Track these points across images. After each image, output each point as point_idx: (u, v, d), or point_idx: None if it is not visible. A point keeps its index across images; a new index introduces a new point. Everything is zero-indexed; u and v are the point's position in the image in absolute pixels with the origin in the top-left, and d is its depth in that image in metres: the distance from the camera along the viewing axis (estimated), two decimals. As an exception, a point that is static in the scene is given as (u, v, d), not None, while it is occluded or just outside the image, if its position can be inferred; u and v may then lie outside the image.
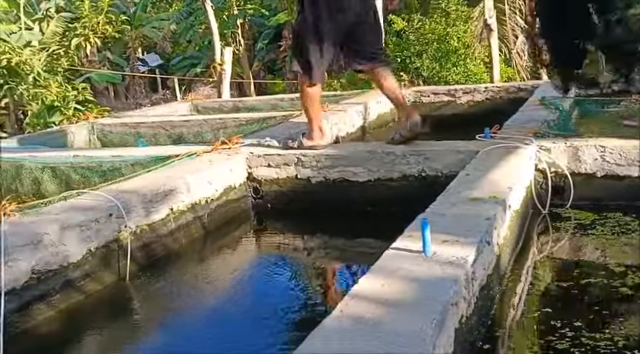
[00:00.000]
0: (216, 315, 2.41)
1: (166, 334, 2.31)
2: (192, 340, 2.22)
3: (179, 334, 2.28)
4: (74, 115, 7.41)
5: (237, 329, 2.26)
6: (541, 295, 2.27)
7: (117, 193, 2.74)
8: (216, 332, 2.27)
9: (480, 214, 2.07)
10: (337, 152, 3.36)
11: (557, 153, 2.91)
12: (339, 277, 2.93)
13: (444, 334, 1.47)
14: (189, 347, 2.16)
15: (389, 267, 1.71)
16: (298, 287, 2.70)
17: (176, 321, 2.40)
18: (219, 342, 2.18)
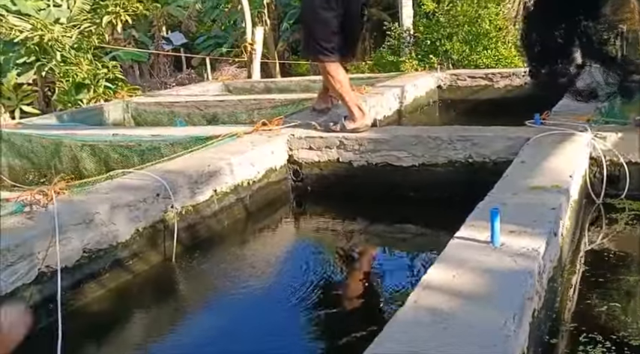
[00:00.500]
0: (260, 296, 2.39)
1: (212, 314, 2.30)
2: (237, 320, 2.21)
3: (225, 315, 2.28)
4: (104, 93, 7.42)
5: (279, 311, 2.24)
6: (596, 287, 2.20)
7: (163, 173, 2.71)
8: (260, 313, 2.26)
9: (544, 204, 2.00)
10: (381, 136, 3.29)
11: (614, 141, 2.81)
12: (378, 262, 2.89)
13: (521, 330, 1.42)
14: (234, 327, 2.15)
15: (457, 257, 1.66)
16: (337, 271, 2.67)
17: (222, 302, 2.39)
18: (264, 323, 2.17)
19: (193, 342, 2.07)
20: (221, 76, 10.33)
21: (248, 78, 7.34)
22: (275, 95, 5.13)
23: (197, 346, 2.04)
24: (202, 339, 2.08)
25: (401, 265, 2.73)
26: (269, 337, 2.08)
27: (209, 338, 2.08)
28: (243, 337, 2.09)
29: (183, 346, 2.05)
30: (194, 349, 2.03)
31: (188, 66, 17.20)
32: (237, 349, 2.02)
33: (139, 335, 2.18)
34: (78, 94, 7.80)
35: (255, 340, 2.06)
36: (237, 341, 2.06)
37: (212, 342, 2.06)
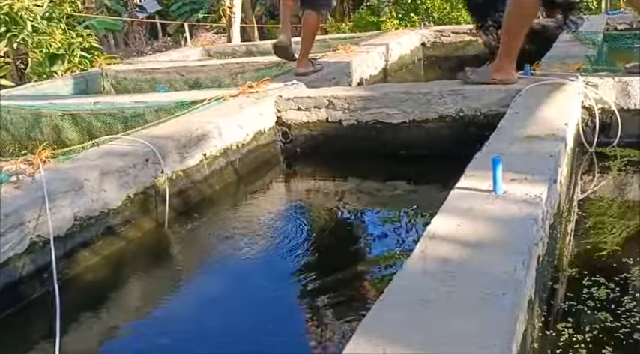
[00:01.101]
0: (256, 259, 2.36)
1: (208, 279, 2.28)
2: (234, 284, 2.19)
3: (221, 279, 2.26)
4: (80, 63, 7.21)
5: (277, 272, 2.23)
6: (592, 233, 2.22)
7: (150, 138, 2.64)
8: (258, 275, 2.24)
9: (542, 152, 1.99)
10: (370, 93, 3.24)
11: (605, 89, 2.79)
12: (371, 220, 2.88)
13: (530, 276, 1.41)
14: (231, 291, 2.13)
15: (460, 207, 1.64)
16: (331, 230, 2.65)
17: (217, 266, 2.36)
18: (262, 286, 2.15)
19: (190, 307, 2.04)
20: (199, 42, 10.10)
21: (228, 42, 7.17)
22: (258, 58, 5.02)
23: (194, 310, 2.01)
24: (199, 303, 2.05)
25: (396, 222, 2.71)
26: (268, 298, 2.06)
27: (206, 303, 2.06)
28: (241, 300, 2.07)
29: (181, 311, 2.02)
30: (191, 313, 2.00)
31: (164, 34, 16.80)
32: (235, 312, 2.00)
33: (136, 302, 2.15)
34: (52, 65, 7.56)
35: (253, 302, 2.04)
36: (235, 305, 2.04)
37: (209, 306, 2.03)
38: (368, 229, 2.69)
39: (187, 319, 1.95)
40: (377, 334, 1.12)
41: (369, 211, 2.93)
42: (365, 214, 2.89)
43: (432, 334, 1.11)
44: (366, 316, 1.19)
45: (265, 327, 1.85)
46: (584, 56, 3.28)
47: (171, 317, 1.99)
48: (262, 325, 1.86)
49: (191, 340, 1.82)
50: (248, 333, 1.83)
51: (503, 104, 2.87)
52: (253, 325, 1.87)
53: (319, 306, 1.93)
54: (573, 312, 1.66)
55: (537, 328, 1.54)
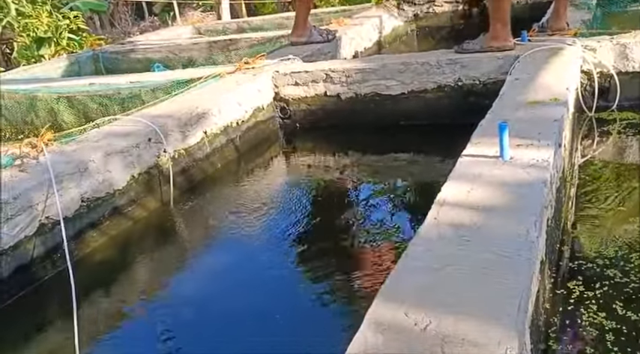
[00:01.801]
0: (263, 234, 2.38)
1: (215, 256, 2.29)
2: (240, 260, 2.20)
3: (227, 255, 2.27)
4: (68, 46, 7.11)
5: (285, 247, 2.24)
6: (594, 196, 2.24)
7: (151, 117, 2.63)
8: (266, 250, 2.25)
9: (546, 117, 2.00)
10: (368, 66, 3.23)
11: (604, 52, 2.80)
12: (375, 191, 2.89)
13: (541, 237, 1.43)
14: (238, 267, 2.15)
15: (469, 173, 1.65)
16: (335, 204, 2.66)
17: (224, 242, 2.37)
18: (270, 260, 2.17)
19: (198, 283, 2.06)
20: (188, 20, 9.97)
21: (218, 20, 7.09)
22: (251, 34, 4.98)
23: (202, 286, 2.03)
24: (207, 279, 2.07)
25: (400, 192, 2.73)
26: (276, 272, 2.08)
27: (213, 278, 2.08)
28: (247, 274, 2.09)
29: (189, 287, 2.04)
30: (199, 289, 2.02)
31: (150, 13, 16.56)
32: (242, 286, 2.02)
33: (146, 280, 2.17)
34: (40, 48, 7.44)
35: (261, 276, 2.05)
36: (242, 279, 2.06)
37: (216, 282, 2.05)
38: (372, 200, 2.71)
39: (195, 295, 1.97)
40: (398, 298, 1.14)
41: (371, 183, 2.94)
42: (368, 186, 2.90)
43: (452, 295, 1.14)
44: (386, 281, 1.21)
45: (274, 301, 1.87)
46: (580, 21, 3.28)
47: (180, 293, 2.01)
48: (271, 299, 1.88)
49: (199, 315, 1.84)
50: (257, 306, 1.85)
51: (502, 72, 2.87)
52: (263, 299, 1.89)
53: (329, 276, 1.95)
54: (583, 271, 1.69)
55: (548, 289, 1.58)
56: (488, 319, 1.06)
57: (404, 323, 1.07)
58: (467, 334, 1.02)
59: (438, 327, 1.05)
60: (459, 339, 1.01)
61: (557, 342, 1.41)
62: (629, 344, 1.37)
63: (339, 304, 1.77)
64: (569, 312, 1.51)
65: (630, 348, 1.36)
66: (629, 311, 1.48)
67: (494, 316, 1.06)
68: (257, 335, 1.66)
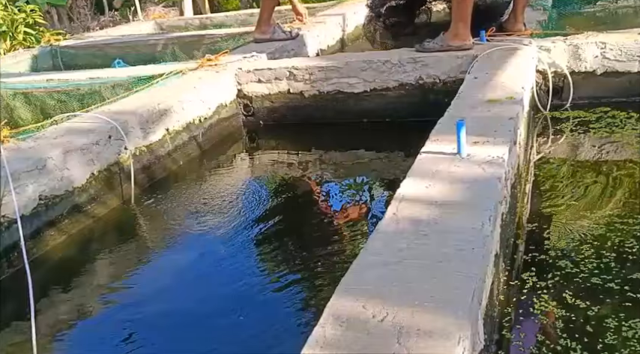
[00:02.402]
0: (224, 233, 2.37)
1: (177, 253, 2.27)
2: (201, 258, 2.20)
3: (187, 254, 2.26)
4: (25, 41, 6.92)
5: (244, 245, 2.24)
6: (548, 191, 2.32)
7: (111, 114, 2.60)
8: (225, 249, 2.25)
9: (502, 115, 2.06)
10: (331, 63, 3.25)
11: (558, 52, 2.89)
12: (337, 188, 2.92)
13: (496, 231, 1.48)
14: (198, 266, 2.14)
15: (427, 169, 1.69)
16: (297, 201, 2.68)
17: (185, 240, 2.36)
18: (229, 258, 2.17)
19: (158, 281, 2.04)
20: (149, 16, 9.80)
21: (180, 16, 7.01)
22: (214, 31, 4.94)
23: (162, 285, 2.02)
24: (167, 278, 2.06)
25: (363, 188, 2.76)
26: (236, 270, 2.08)
27: (173, 277, 2.06)
28: (207, 273, 2.08)
29: (148, 286, 2.02)
30: (159, 288, 2.00)
31: (110, 8, 16.22)
32: (202, 285, 2.02)
33: (105, 279, 2.14)
34: (-8, 44, 7.24)
35: (220, 274, 2.05)
36: (202, 278, 2.05)
37: (176, 280, 2.04)
38: (335, 197, 2.74)
39: (155, 294, 1.96)
40: (357, 291, 1.17)
41: (334, 179, 2.97)
42: (331, 183, 2.92)
43: (408, 288, 1.17)
44: (345, 275, 1.23)
45: (234, 298, 1.87)
46: (535, 21, 3.38)
47: (139, 292, 1.99)
48: (231, 297, 1.88)
49: (158, 313, 1.83)
50: (216, 305, 1.85)
51: (461, 70, 2.94)
52: (221, 297, 1.89)
53: (291, 272, 1.97)
54: (536, 262, 1.75)
55: (503, 281, 1.63)
56: (443, 310, 1.09)
57: (362, 316, 1.10)
58: (422, 324, 1.06)
59: (395, 319, 1.08)
60: (414, 330, 1.04)
61: (510, 331, 1.46)
62: (577, 331, 1.43)
63: (300, 300, 1.79)
64: (522, 302, 1.57)
65: (578, 334, 1.42)
66: (577, 300, 1.54)
67: (449, 308, 1.10)
68: (216, 333, 1.67)
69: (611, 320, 1.45)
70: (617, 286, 1.58)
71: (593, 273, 1.66)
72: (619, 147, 2.57)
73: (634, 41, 2.75)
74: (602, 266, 1.69)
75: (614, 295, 1.55)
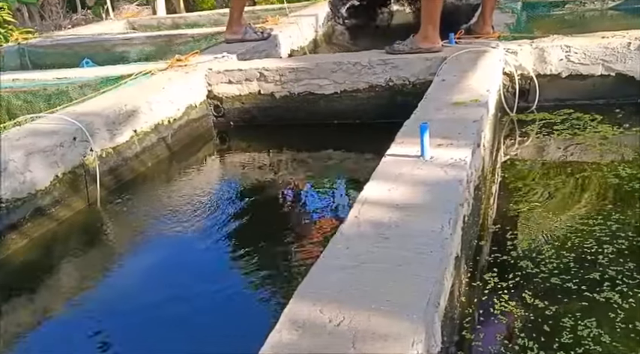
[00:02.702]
0: (192, 235, 2.36)
1: (143, 256, 2.25)
2: (168, 261, 2.18)
3: (154, 257, 2.24)
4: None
5: (212, 248, 2.23)
6: (514, 193, 2.35)
7: (77, 115, 2.56)
8: (192, 252, 2.24)
9: (466, 118, 2.08)
10: (301, 65, 3.25)
11: (524, 55, 2.93)
12: (307, 190, 2.92)
13: (456, 234, 1.50)
14: (165, 269, 2.12)
15: (391, 172, 1.71)
16: (267, 203, 2.67)
17: (152, 243, 2.34)
18: (196, 262, 2.16)
19: (123, 286, 2.02)
20: (121, 15, 9.68)
21: (153, 15, 6.94)
22: (186, 30, 4.91)
23: (127, 289, 1.99)
24: (132, 282, 2.03)
25: (332, 190, 2.77)
26: (203, 274, 2.06)
27: (139, 281, 2.03)
28: (176, 278, 2.06)
29: (115, 290, 2.00)
30: (125, 292, 1.98)
31: (83, 6, 15.99)
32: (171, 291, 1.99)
33: (69, 283, 2.10)
34: (-41, 42, 7.08)
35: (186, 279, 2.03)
36: (169, 282, 2.03)
37: (142, 284, 2.01)
38: (304, 198, 2.74)
39: (119, 297, 1.93)
40: (315, 295, 1.17)
41: (304, 181, 2.97)
42: (301, 184, 2.93)
43: (367, 292, 1.18)
44: (304, 279, 1.23)
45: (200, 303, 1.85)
46: (503, 24, 3.42)
47: (103, 296, 1.97)
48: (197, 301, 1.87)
49: (122, 317, 1.81)
50: (177, 308, 1.84)
51: (430, 72, 2.97)
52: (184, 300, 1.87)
53: (258, 276, 1.96)
54: (498, 263, 1.78)
55: (465, 283, 1.65)
56: (400, 314, 1.10)
57: (318, 320, 1.10)
58: (378, 328, 1.06)
59: (351, 323, 1.08)
60: (369, 334, 1.05)
61: (471, 332, 1.48)
62: (534, 330, 1.46)
63: (264, 303, 1.79)
64: (484, 302, 1.59)
65: (535, 334, 1.45)
66: (536, 299, 1.57)
67: (405, 311, 1.10)
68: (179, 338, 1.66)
69: (568, 320, 1.47)
70: (574, 286, 1.61)
71: (552, 273, 1.69)
72: (583, 149, 2.62)
73: (597, 45, 2.81)
74: (561, 266, 1.72)
75: (572, 294, 1.58)
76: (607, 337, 1.40)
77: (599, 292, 1.57)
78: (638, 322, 1.43)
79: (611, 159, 2.46)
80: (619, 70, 2.83)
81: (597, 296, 1.55)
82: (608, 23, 4.81)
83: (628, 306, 1.50)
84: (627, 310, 1.48)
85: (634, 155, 2.48)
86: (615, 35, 2.84)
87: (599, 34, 2.91)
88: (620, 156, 2.50)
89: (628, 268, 1.66)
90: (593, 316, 1.47)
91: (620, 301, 1.52)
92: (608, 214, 2.01)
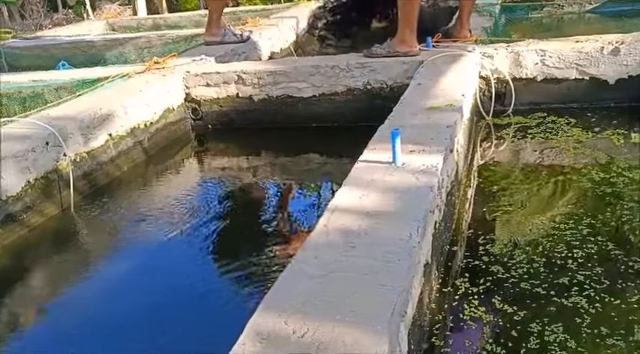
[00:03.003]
0: (168, 240, 2.34)
1: (117, 263, 2.23)
2: (144, 267, 2.16)
3: (130, 263, 2.21)
4: (-30, 39, 6.69)
5: (187, 253, 2.22)
6: (493, 199, 2.37)
7: (50, 120, 2.53)
8: (170, 258, 2.22)
9: (440, 123, 2.09)
10: (280, 68, 3.25)
11: (500, 59, 2.95)
12: (285, 194, 2.92)
13: (425, 241, 1.50)
14: (141, 275, 2.10)
15: (363, 179, 1.71)
16: (245, 207, 2.67)
17: (128, 248, 2.32)
18: (172, 268, 2.14)
19: (98, 293, 1.99)
20: (103, 15, 9.60)
21: (134, 15, 6.88)
22: (166, 32, 4.87)
23: (102, 296, 1.97)
24: (107, 289, 2.01)
25: (310, 195, 2.77)
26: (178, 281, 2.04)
27: (114, 288, 2.01)
28: (153, 285, 2.05)
29: (88, 297, 1.97)
30: (99, 299, 1.96)
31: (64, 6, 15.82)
32: (147, 298, 1.98)
33: (41, 290, 2.08)
34: None
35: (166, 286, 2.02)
36: (144, 289, 2.01)
37: (117, 291, 1.99)
38: (282, 203, 2.73)
39: (91, 303, 1.91)
40: (280, 306, 1.17)
41: (282, 185, 2.97)
42: (280, 189, 2.92)
43: (332, 302, 1.17)
44: (270, 290, 1.23)
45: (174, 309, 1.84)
46: (480, 28, 3.44)
47: (77, 304, 1.94)
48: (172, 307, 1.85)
49: (94, 323, 1.79)
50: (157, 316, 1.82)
51: (407, 76, 2.97)
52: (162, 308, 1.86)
53: (232, 282, 1.96)
54: (470, 268, 1.79)
55: (436, 289, 1.65)
56: (364, 324, 1.10)
57: (282, 332, 1.09)
58: (341, 339, 1.06)
59: (315, 334, 1.08)
60: (332, 345, 1.05)
61: (441, 338, 1.49)
62: (502, 336, 1.47)
63: (239, 312, 1.78)
64: (454, 308, 1.60)
65: (503, 339, 1.46)
66: (505, 304, 1.58)
67: (370, 322, 1.10)
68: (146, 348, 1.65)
69: (536, 325, 1.48)
70: (543, 291, 1.63)
71: (522, 278, 1.70)
72: (557, 153, 2.64)
73: (571, 49, 2.83)
74: (531, 271, 1.73)
75: (540, 300, 1.59)
76: (573, 342, 1.41)
77: (567, 297, 1.58)
78: (603, 327, 1.45)
79: (585, 163, 2.48)
80: (593, 74, 2.86)
81: (565, 301, 1.56)
82: (586, 26, 4.86)
83: (595, 311, 1.51)
84: (594, 315, 1.50)
85: (607, 159, 2.50)
86: (589, 39, 2.87)
87: (574, 38, 2.94)
88: (593, 160, 2.52)
89: (596, 273, 1.68)
90: (560, 321, 1.48)
91: (587, 306, 1.53)
92: (579, 218, 2.03)
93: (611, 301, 1.54)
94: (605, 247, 1.82)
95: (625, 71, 2.81)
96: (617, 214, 2.02)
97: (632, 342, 1.39)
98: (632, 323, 1.45)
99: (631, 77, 2.81)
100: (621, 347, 1.38)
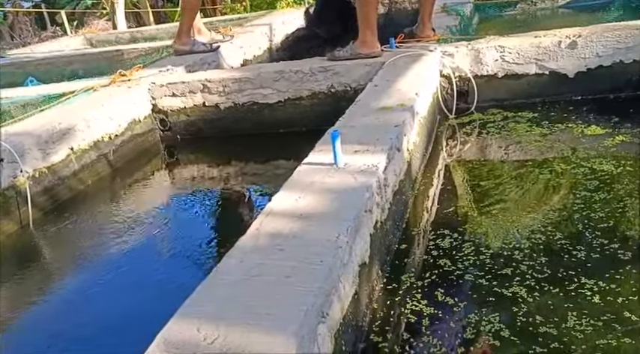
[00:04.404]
0: (134, 255, 2.32)
1: (74, 281, 2.19)
2: (108, 286, 2.13)
3: (91, 280, 2.17)
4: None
5: (156, 268, 2.19)
6: (452, 195, 2.35)
7: (7, 136, 2.52)
8: (134, 274, 2.19)
9: (389, 123, 2.08)
10: (244, 75, 3.24)
11: (460, 57, 2.95)
12: (257, 201, 2.90)
13: (359, 240, 1.49)
14: (102, 292, 2.07)
15: (302, 181, 1.69)
16: (216, 217, 2.65)
17: (90, 263, 2.29)
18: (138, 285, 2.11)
19: (58, 311, 1.97)
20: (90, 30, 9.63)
21: (113, 29, 6.90)
22: (138, 44, 4.88)
23: (62, 315, 1.94)
24: (67, 307, 1.98)
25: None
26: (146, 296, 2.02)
27: (75, 306, 1.98)
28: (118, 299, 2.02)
29: (47, 316, 1.95)
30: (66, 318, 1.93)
31: (53, 23, 15.89)
32: (112, 312, 1.96)
33: (3, 310, 2.07)
34: None
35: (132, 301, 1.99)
36: (106, 305, 1.99)
37: (78, 309, 1.97)
38: (255, 210, 2.70)
39: (54, 324, 1.89)
40: (196, 313, 1.15)
41: (254, 192, 2.95)
42: (251, 196, 2.90)
43: (249, 307, 1.16)
44: (188, 297, 1.21)
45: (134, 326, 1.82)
46: (445, 27, 3.44)
47: (37, 322, 1.93)
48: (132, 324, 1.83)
49: (52, 342, 1.77)
50: (118, 332, 1.81)
51: (369, 78, 2.96)
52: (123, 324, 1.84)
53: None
54: (417, 263, 1.77)
55: (379, 288, 1.64)
56: (276, 328, 1.08)
57: (193, 339, 1.08)
58: (250, 345, 1.05)
59: (225, 340, 1.07)
60: (240, 350, 1.03)
61: (379, 336, 1.47)
62: (440, 327, 1.45)
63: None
64: (397, 305, 1.58)
65: (440, 331, 1.44)
66: (447, 296, 1.56)
67: (281, 325, 1.09)
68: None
69: (474, 315, 1.47)
70: (485, 282, 1.61)
71: (467, 270, 1.69)
72: (520, 148, 2.63)
73: (530, 44, 2.83)
74: (477, 263, 1.72)
75: (481, 290, 1.58)
76: (507, 331, 1.40)
77: (507, 287, 1.56)
78: (538, 316, 1.43)
79: (546, 157, 2.47)
80: (552, 68, 2.85)
81: (505, 291, 1.55)
82: (559, 21, 4.86)
83: (532, 300, 1.50)
84: (530, 304, 1.48)
85: (568, 151, 2.49)
86: (547, 34, 2.86)
87: (532, 33, 2.94)
88: (555, 152, 2.51)
89: (539, 263, 1.66)
90: (497, 311, 1.47)
91: (525, 296, 1.52)
92: (535, 210, 2.02)
93: (550, 289, 1.53)
94: (552, 236, 1.80)
95: (583, 64, 2.80)
96: (572, 204, 2.01)
97: (564, 329, 1.37)
98: (567, 312, 1.43)
99: (590, 70, 2.81)
100: (553, 335, 1.36)
